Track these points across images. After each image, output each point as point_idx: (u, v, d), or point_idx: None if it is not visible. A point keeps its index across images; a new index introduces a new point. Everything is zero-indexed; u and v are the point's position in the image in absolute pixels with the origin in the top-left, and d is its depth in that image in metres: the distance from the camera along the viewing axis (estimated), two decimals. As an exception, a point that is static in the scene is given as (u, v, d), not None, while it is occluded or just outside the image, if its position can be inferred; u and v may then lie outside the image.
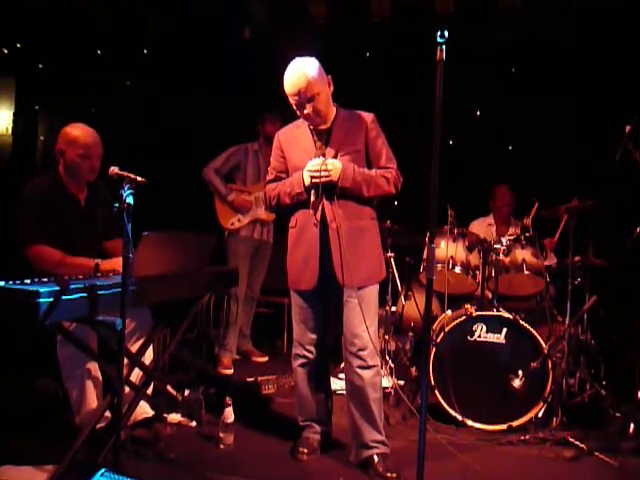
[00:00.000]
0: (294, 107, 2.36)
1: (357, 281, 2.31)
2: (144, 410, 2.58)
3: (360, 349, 2.35)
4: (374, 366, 2.37)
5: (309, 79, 2.25)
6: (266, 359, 4.15)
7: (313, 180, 2.30)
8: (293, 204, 2.40)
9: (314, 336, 2.47)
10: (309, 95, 2.27)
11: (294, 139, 2.45)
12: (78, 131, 2.54)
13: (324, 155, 2.35)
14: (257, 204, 3.91)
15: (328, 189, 2.31)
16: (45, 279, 1.99)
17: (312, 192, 2.33)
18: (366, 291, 2.37)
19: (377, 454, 2.35)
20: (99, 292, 1.96)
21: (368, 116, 2.42)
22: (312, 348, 2.48)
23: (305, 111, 2.31)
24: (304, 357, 2.50)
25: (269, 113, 3.93)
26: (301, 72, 2.26)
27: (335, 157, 2.35)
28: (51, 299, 1.78)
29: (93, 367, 2.42)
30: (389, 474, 2.29)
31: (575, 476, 2.46)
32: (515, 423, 2.88)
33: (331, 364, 2.77)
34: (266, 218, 3.94)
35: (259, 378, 3.48)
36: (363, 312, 2.30)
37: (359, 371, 2.36)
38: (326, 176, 2.28)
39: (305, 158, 2.36)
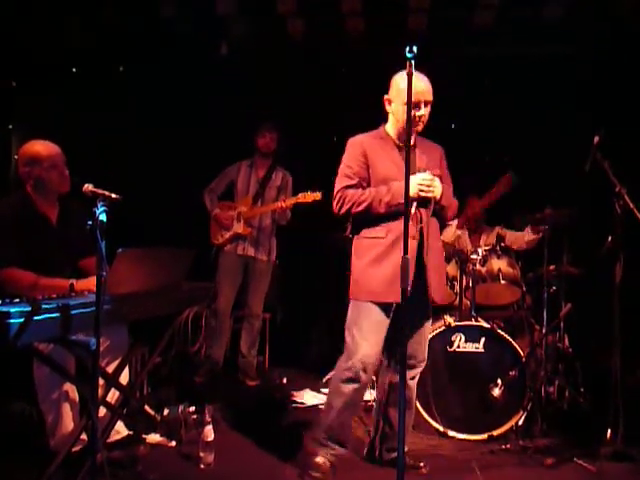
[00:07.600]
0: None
1: (439, 299, 2.44)
2: (117, 430, 2.52)
3: (421, 361, 2.50)
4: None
5: (431, 88, 2.37)
6: (257, 382, 3.98)
7: (421, 193, 2.28)
8: (384, 214, 2.33)
9: (379, 355, 2.42)
10: (429, 99, 2.36)
11: (381, 149, 2.42)
12: (37, 147, 2.48)
13: (419, 170, 2.32)
14: (237, 219, 3.93)
15: (424, 205, 2.35)
16: (17, 299, 1.94)
17: (414, 204, 2.28)
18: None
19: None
20: (72, 312, 1.92)
21: (441, 148, 2.54)
22: (372, 368, 2.38)
23: (420, 112, 2.34)
24: (359, 380, 2.33)
25: (263, 125, 3.96)
26: (428, 81, 2.37)
27: None
28: (22, 320, 1.74)
29: (70, 389, 2.37)
30: (419, 463, 2.51)
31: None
32: (496, 432, 2.90)
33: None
34: (242, 232, 3.94)
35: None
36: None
37: (410, 383, 2.48)
38: (431, 191, 2.31)
39: (394, 170, 2.33)
